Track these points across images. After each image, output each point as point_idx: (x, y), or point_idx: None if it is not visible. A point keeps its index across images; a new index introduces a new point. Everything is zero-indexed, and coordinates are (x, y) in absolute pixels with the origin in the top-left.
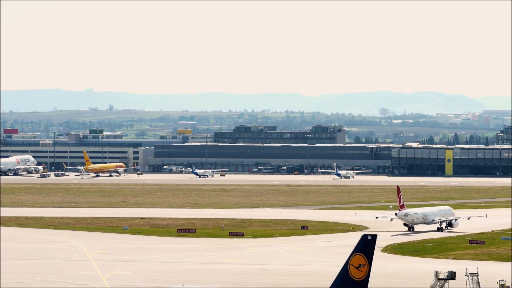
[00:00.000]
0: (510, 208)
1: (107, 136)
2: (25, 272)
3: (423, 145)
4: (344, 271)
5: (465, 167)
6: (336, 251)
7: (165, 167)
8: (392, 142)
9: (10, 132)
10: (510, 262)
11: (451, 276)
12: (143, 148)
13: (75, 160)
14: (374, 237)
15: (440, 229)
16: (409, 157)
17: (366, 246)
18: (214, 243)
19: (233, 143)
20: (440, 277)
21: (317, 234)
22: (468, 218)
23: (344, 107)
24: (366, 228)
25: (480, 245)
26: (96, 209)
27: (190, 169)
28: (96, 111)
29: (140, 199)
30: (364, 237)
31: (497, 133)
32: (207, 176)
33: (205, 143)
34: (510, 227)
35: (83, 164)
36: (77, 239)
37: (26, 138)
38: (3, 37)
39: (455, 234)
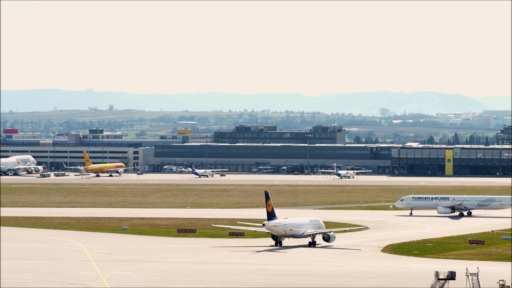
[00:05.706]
0: (510, 208)
1: (107, 136)
2: (25, 272)
3: (423, 145)
4: None
5: (465, 167)
6: (336, 251)
7: (165, 167)
8: (392, 142)
9: (10, 132)
10: (510, 262)
11: (451, 276)
12: (143, 148)
13: (75, 160)
14: None
15: None
16: (409, 157)
17: None
18: (214, 243)
19: (233, 143)
20: (440, 277)
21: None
22: None
23: (344, 107)
24: (366, 228)
25: (480, 245)
26: (96, 209)
27: (190, 169)
28: (96, 111)
29: (140, 199)
30: None
31: (497, 133)
32: (207, 176)
33: (205, 143)
34: (510, 227)
35: (83, 164)
36: (77, 239)
37: (26, 138)
38: (3, 37)
39: (455, 234)
